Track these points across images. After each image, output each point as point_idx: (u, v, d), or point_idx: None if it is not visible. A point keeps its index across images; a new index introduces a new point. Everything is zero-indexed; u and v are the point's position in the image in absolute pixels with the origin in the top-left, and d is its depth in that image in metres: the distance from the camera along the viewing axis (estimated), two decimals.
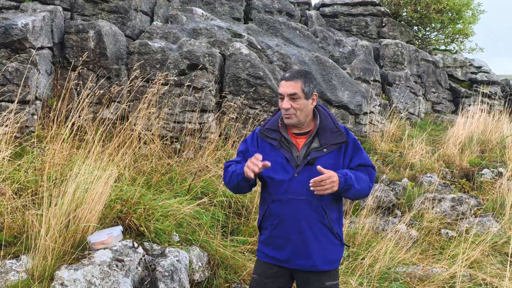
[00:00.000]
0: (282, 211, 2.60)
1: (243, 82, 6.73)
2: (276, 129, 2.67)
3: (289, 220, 2.58)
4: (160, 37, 7.22)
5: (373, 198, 5.74)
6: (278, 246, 2.64)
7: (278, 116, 2.73)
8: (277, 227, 2.62)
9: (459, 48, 13.11)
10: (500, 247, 5.02)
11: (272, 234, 2.64)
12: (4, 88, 5.51)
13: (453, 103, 11.73)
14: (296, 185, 2.56)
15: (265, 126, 2.72)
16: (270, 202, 2.63)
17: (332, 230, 2.64)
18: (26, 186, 3.89)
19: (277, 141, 2.63)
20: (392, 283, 4.22)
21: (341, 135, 2.64)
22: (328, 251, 2.63)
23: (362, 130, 7.99)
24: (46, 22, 6.22)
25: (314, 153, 2.57)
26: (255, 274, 2.75)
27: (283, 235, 2.61)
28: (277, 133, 2.66)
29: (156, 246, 3.63)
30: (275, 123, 2.70)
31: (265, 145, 2.66)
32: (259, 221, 2.76)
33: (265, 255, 2.70)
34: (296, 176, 2.56)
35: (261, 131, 2.71)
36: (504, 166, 7.14)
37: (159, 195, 4.40)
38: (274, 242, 2.64)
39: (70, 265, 3.08)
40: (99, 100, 6.17)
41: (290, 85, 2.58)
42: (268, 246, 2.67)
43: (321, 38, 9.91)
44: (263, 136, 2.69)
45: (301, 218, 2.57)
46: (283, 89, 2.59)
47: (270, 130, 2.68)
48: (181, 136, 6.20)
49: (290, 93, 2.57)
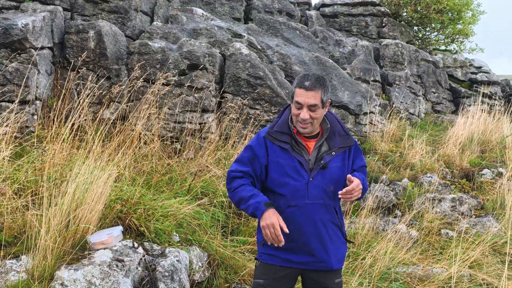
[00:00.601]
0: (299, 217, 2.55)
1: (243, 82, 6.73)
2: (287, 131, 2.59)
3: (307, 225, 2.56)
4: (160, 37, 7.22)
5: (373, 198, 5.74)
6: (293, 249, 2.59)
7: (286, 117, 2.64)
8: (293, 231, 2.54)
9: (459, 48, 13.11)
10: (500, 247, 5.02)
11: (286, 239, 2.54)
12: (4, 88, 5.51)
13: (453, 103, 11.73)
14: (313, 189, 2.54)
15: (273, 129, 2.62)
16: (285, 208, 2.55)
17: (342, 229, 2.68)
18: (26, 186, 3.89)
19: (288, 144, 2.56)
20: (392, 283, 4.22)
21: (349, 138, 2.65)
22: (339, 250, 2.67)
23: (362, 130, 7.99)
24: (46, 22, 6.23)
25: (326, 157, 2.56)
26: (261, 278, 2.65)
27: (300, 239, 2.57)
28: (287, 136, 2.58)
29: (156, 246, 3.63)
30: (285, 125, 2.61)
31: (276, 148, 2.59)
32: None
33: (276, 258, 2.61)
34: (312, 180, 2.54)
35: (270, 134, 2.61)
36: (504, 166, 7.14)
37: (159, 195, 4.40)
38: (287, 246, 2.56)
39: (70, 265, 3.08)
40: (99, 100, 6.18)
41: (311, 96, 2.48)
42: (280, 249, 2.58)
43: (321, 38, 9.92)
44: (271, 139, 2.60)
45: (318, 222, 2.57)
46: (304, 99, 2.47)
47: (280, 133, 2.59)
48: (181, 136, 6.20)
49: (311, 104, 2.48)
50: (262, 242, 2.65)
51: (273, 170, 2.58)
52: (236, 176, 2.62)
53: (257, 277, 2.68)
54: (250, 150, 2.64)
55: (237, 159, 2.69)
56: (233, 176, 2.64)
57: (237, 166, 2.65)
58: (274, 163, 2.57)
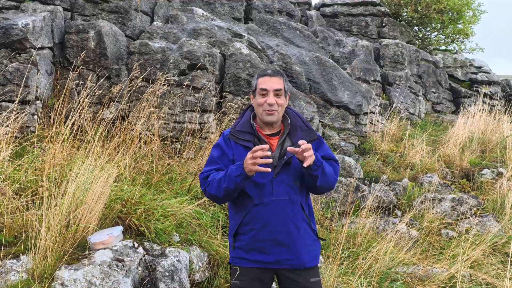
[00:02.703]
0: (266, 214, 2.55)
1: (244, 82, 6.73)
2: (249, 130, 2.62)
3: (274, 222, 2.55)
4: (161, 37, 7.22)
5: (373, 198, 5.74)
6: (262, 249, 2.58)
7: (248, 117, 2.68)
8: (260, 230, 2.55)
9: (459, 48, 13.10)
10: (500, 247, 5.02)
11: (255, 239, 2.57)
12: (5, 88, 5.51)
13: (453, 103, 11.72)
14: (278, 186, 2.55)
15: (235, 129, 2.65)
16: (251, 207, 2.56)
17: (311, 225, 2.67)
18: (26, 186, 3.88)
19: (251, 143, 2.58)
20: (392, 283, 4.22)
21: (311, 132, 2.68)
22: (311, 247, 2.65)
23: (363, 130, 7.99)
24: (47, 22, 6.23)
25: (289, 153, 2.54)
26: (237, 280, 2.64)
27: (268, 237, 2.56)
28: (250, 135, 2.61)
29: (156, 246, 3.63)
30: (247, 124, 2.65)
31: (240, 148, 2.61)
32: (234, 228, 2.65)
33: (247, 260, 2.61)
34: (276, 177, 2.55)
35: (232, 134, 2.64)
36: (504, 166, 7.14)
37: (159, 195, 4.40)
38: (257, 246, 2.57)
39: (70, 265, 3.08)
40: (99, 100, 6.18)
41: (275, 81, 2.59)
42: (250, 251, 2.59)
43: (321, 38, 9.91)
44: (235, 139, 2.62)
45: (286, 218, 2.56)
46: (269, 85, 2.57)
47: (242, 132, 2.62)
48: (181, 136, 6.20)
49: (277, 88, 2.58)
50: (233, 245, 2.66)
51: None
52: (208, 175, 2.64)
53: (234, 279, 2.67)
54: (218, 148, 2.68)
55: (206, 163, 2.71)
56: (205, 176, 2.65)
57: (207, 167, 2.67)
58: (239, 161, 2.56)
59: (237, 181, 2.45)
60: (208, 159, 2.70)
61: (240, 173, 2.43)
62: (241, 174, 2.43)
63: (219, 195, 2.54)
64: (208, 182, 2.59)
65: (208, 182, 2.60)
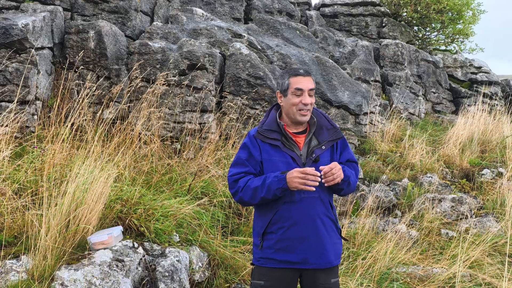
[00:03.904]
0: (295, 212, 2.55)
1: (243, 82, 6.73)
2: (276, 129, 2.63)
3: (304, 219, 2.55)
4: (160, 37, 7.22)
5: (373, 198, 5.74)
6: (289, 249, 2.56)
7: (274, 116, 2.68)
8: (289, 229, 2.54)
9: (459, 48, 13.10)
10: (500, 247, 5.02)
11: (283, 237, 2.55)
12: (4, 88, 5.51)
13: (453, 103, 11.72)
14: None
15: (263, 128, 2.64)
16: (281, 204, 2.56)
17: (336, 224, 2.69)
18: (26, 186, 3.89)
19: (279, 141, 2.59)
20: (392, 283, 4.22)
21: (336, 131, 2.70)
22: (336, 246, 2.67)
23: (362, 130, 7.99)
24: (46, 22, 6.23)
25: (317, 151, 2.60)
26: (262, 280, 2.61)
27: (297, 236, 2.55)
28: (277, 133, 2.62)
29: (156, 246, 3.63)
30: (274, 123, 2.65)
31: (267, 147, 2.61)
32: (263, 227, 2.62)
33: (274, 261, 2.58)
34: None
35: (260, 133, 2.63)
36: (504, 166, 7.14)
37: (159, 195, 4.40)
38: (285, 245, 2.56)
39: (70, 265, 3.08)
40: (99, 100, 6.18)
41: (309, 81, 2.61)
42: (278, 251, 2.57)
43: (321, 38, 9.91)
44: (262, 137, 2.62)
45: (315, 216, 2.57)
46: (304, 84, 2.58)
47: (269, 131, 2.63)
48: (181, 136, 6.20)
49: (311, 88, 2.60)
50: (260, 245, 2.62)
51: (267, 168, 2.60)
52: (238, 178, 2.62)
53: (256, 279, 2.64)
54: (245, 149, 2.65)
55: (233, 163, 2.68)
56: (235, 179, 2.63)
57: (235, 169, 2.65)
58: (267, 161, 2.59)
59: (277, 193, 2.49)
60: (235, 160, 2.68)
61: (281, 186, 2.46)
62: (282, 187, 2.46)
63: (253, 202, 2.57)
64: (240, 188, 2.58)
65: (239, 186, 2.59)
